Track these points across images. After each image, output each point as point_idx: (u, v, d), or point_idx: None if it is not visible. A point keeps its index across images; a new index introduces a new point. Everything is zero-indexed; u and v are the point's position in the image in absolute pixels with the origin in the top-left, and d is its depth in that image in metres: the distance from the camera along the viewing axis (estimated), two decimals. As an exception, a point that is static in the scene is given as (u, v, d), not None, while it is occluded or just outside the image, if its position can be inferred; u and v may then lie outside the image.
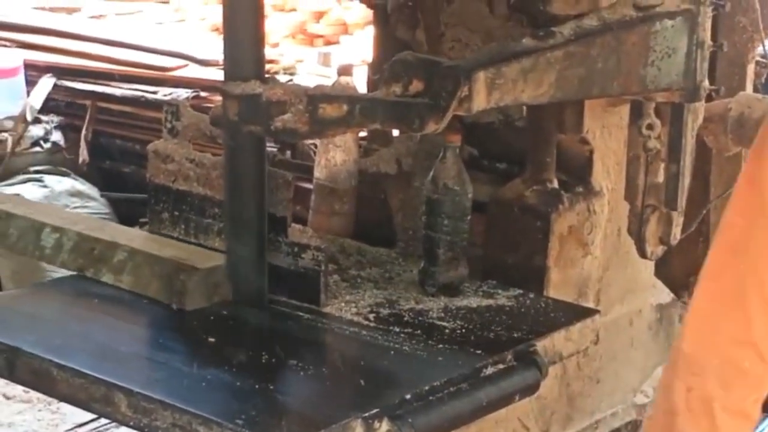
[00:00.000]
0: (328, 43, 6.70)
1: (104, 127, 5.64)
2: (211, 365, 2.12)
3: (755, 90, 3.03)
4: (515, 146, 2.68)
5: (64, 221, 2.60)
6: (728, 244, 1.72)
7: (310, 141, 3.99)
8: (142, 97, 5.51)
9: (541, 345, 2.28)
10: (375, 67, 2.85)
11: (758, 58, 3.04)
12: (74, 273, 2.53)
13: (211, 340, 2.23)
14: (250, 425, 1.88)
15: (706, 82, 2.47)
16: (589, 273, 2.70)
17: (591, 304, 2.67)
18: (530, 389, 2.23)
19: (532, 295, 2.49)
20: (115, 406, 2.02)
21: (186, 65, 5.78)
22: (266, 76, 2.27)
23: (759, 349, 1.67)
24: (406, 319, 2.35)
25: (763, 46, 2.94)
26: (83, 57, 5.93)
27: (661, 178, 2.56)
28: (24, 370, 2.17)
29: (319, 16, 6.88)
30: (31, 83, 5.68)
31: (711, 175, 3.03)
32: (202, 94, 5.35)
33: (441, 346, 2.22)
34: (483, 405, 2.13)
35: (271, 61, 5.75)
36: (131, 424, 2.01)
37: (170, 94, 5.37)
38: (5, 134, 5.36)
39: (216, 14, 6.55)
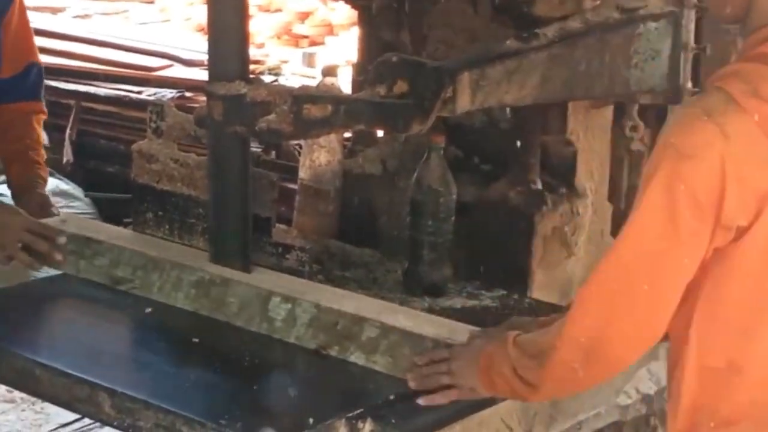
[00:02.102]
0: (314, 43, 6.71)
1: (89, 127, 5.64)
2: (195, 365, 2.12)
3: (738, 92, 3.03)
4: (499, 147, 2.68)
5: (294, 290, 2.27)
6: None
7: (295, 142, 3.99)
8: (127, 97, 5.51)
9: (525, 346, 2.28)
10: (360, 68, 2.86)
11: (741, 61, 3.04)
12: (58, 273, 2.52)
13: (195, 340, 2.23)
14: (234, 425, 1.88)
15: (689, 85, 2.47)
16: (573, 274, 2.71)
17: (574, 305, 2.67)
18: (514, 390, 2.23)
19: (516, 296, 2.50)
20: (98, 406, 2.02)
21: (171, 65, 5.79)
22: (251, 76, 2.27)
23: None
24: (390, 319, 2.35)
25: (746, 48, 2.95)
26: (68, 56, 5.92)
27: (644, 179, 2.56)
28: (7, 369, 2.16)
29: (305, 16, 6.89)
30: (15, 83, 5.66)
31: (694, 176, 3.04)
32: (187, 94, 5.36)
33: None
34: (466, 406, 2.13)
35: (256, 62, 5.76)
36: (115, 424, 2.01)
37: (155, 94, 5.38)
38: (-11, 134, 5.34)
39: (201, 14, 6.56)
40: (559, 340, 1.82)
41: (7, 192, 5.06)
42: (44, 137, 5.56)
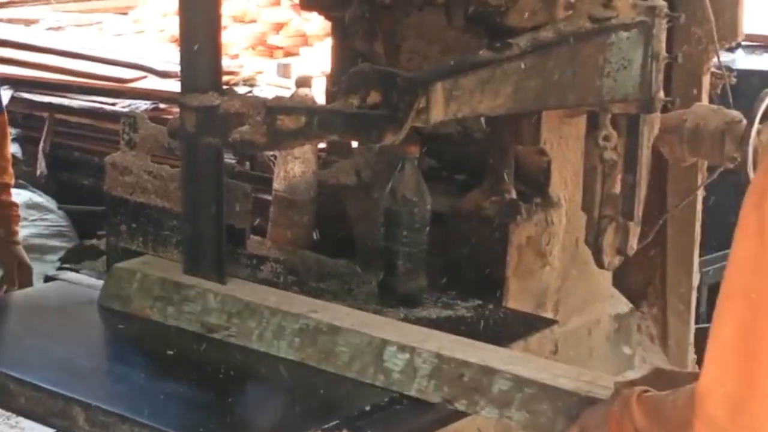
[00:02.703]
0: (288, 54, 6.70)
1: (62, 139, 5.62)
2: (170, 378, 2.11)
3: (710, 101, 3.05)
4: (474, 157, 2.69)
5: (410, 337, 2.17)
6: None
7: (269, 153, 3.99)
8: (101, 108, 5.50)
9: (500, 355, 2.28)
10: (333, 79, 2.85)
11: (713, 69, 3.07)
12: (34, 287, 2.51)
13: (170, 353, 2.22)
14: (209, 438, 1.87)
15: (662, 94, 2.48)
16: (548, 283, 2.71)
17: (549, 315, 2.68)
18: (489, 399, 2.23)
19: (491, 306, 2.50)
20: (72, 420, 2.01)
21: (145, 77, 5.77)
22: (224, 87, 2.27)
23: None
24: (365, 330, 2.34)
25: (718, 57, 2.96)
26: (41, 69, 5.90)
27: (618, 188, 2.57)
28: (-19, 384, 2.15)
29: (279, 27, 6.88)
30: (-12, 95, 5.64)
31: (667, 185, 3.06)
32: (161, 105, 5.35)
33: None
34: (442, 416, 2.13)
35: (230, 73, 5.75)
36: (90, 437, 2.00)
37: (129, 105, 5.37)
38: (-39, 147, 5.32)
39: (175, 26, 6.54)
40: (695, 417, 1.57)
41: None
42: (15, 150, 5.55)
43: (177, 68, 5.36)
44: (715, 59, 3.00)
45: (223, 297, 2.28)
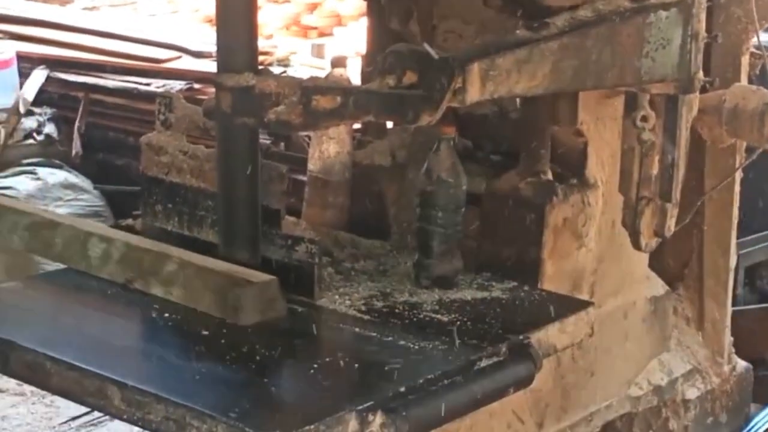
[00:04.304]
0: (322, 34, 6.68)
1: (97, 119, 5.63)
2: (205, 358, 2.12)
3: (749, 81, 3.02)
4: (509, 138, 2.67)
5: (110, 232, 2.54)
6: None
7: (304, 133, 3.98)
8: (135, 89, 5.50)
9: (536, 337, 2.27)
10: (369, 59, 2.84)
11: (752, 49, 3.03)
12: (66, 267, 2.52)
13: (205, 333, 2.22)
14: (244, 419, 1.87)
15: (701, 74, 2.46)
16: (584, 265, 2.69)
17: (585, 297, 2.67)
18: (524, 382, 2.23)
19: (526, 288, 2.49)
20: (108, 399, 2.01)
21: (179, 57, 5.77)
22: (260, 67, 2.26)
23: None
24: (400, 311, 2.34)
25: (758, 37, 2.93)
26: (76, 49, 5.91)
27: (655, 170, 2.55)
28: (18, 363, 2.16)
29: (313, 7, 6.86)
30: (24, 75, 5.67)
31: (705, 166, 3.03)
32: (196, 86, 5.34)
33: (435, 338, 2.22)
34: (477, 398, 2.13)
35: (264, 53, 5.74)
36: (125, 417, 2.01)
37: (163, 86, 5.36)
38: (-2, 127, 5.35)
39: (209, 6, 6.55)
40: None
41: (17, 185, 5.08)
42: (51, 130, 5.57)
43: (211, 48, 5.37)
44: (754, 39, 2.96)
45: None
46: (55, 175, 5.33)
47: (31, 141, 5.51)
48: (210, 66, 5.33)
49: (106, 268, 2.44)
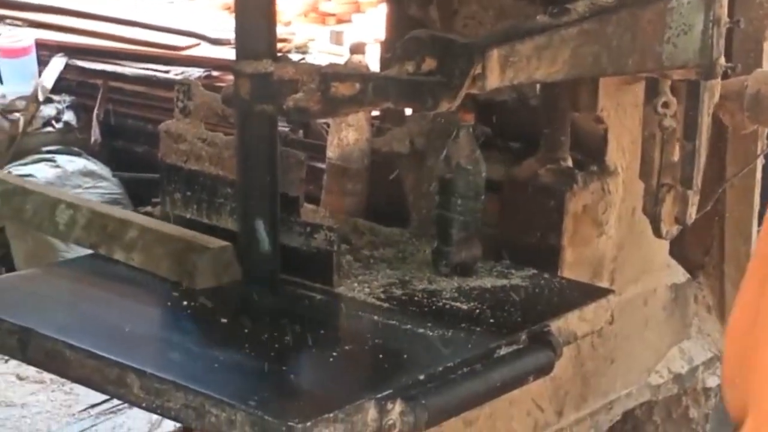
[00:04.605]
0: (341, 21, 6.67)
1: (116, 107, 5.64)
2: (224, 346, 2.11)
3: (772, 67, 3.00)
4: (529, 125, 2.66)
5: (77, 200, 2.64)
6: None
7: (323, 120, 3.97)
8: (154, 76, 5.50)
9: (555, 325, 2.26)
10: (388, 46, 2.83)
11: (775, 35, 3.01)
12: (87, 253, 2.53)
13: (224, 321, 2.22)
14: (263, 407, 1.87)
15: (723, 59, 2.44)
16: (604, 252, 2.68)
17: (605, 284, 2.66)
18: (544, 370, 2.22)
19: (546, 275, 2.48)
20: (127, 387, 2.01)
21: (198, 44, 5.77)
22: (278, 54, 2.25)
23: None
24: (419, 299, 2.33)
25: (780, 22, 2.91)
26: (95, 36, 5.92)
27: (676, 156, 2.54)
28: (37, 351, 2.16)
29: (331, -6, 6.85)
30: (42, 63, 5.68)
31: (727, 153, 3.01)
32: (214, 73, 5.34)
33: (454, 326, 2.21)
34: (497, 386, 2.12)
35: (283, 40, 5.73)
36: (144, 405, 2.01)
37: (182, 73, 5.36)
38: (17, 114, 5.36)
39: (228, -7, 6.54)
40: None
41: (36, 173, 5.09)
42: (69, 117, 5.58)
43: (230, 36, 5.36)
44: (777, 24, 2.94)
45: None
46: (74, 163, 5.34)
47: (50, 129, 5.52)
48: (228, 53, 5.32)
49: (73, 234, 2.56)
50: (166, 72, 5.48)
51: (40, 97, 5.55)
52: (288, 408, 1.90)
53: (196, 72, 5.35)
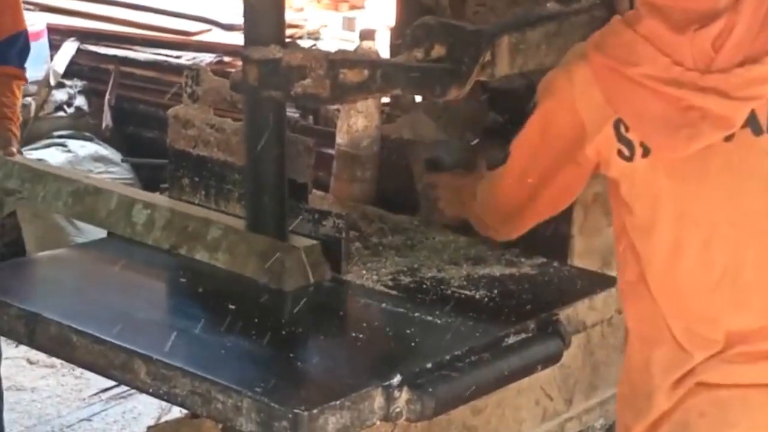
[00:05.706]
0: (353, 7, 6.66)
1: (127, 92, 5.65)
2: (231, 333, 2.11)
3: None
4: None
5: (154, 198, 2.57)
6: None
7: (333, 106, 3.97)
8: (166, 61, 5.51)
9: (565, 314, 2.25)
10: (398, 32, 2.82)
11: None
12: (99, 238, 2.53)
13: (232, 307, 2.22)
14: (269, 393, 1.86)
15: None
16: (614, 242, 2.66)
17: (615, 273, 2.64)
18: (553, 358, 2.21)
19: (555, 264, 2.47)
20: (134, 373, 2.01)
21: (209, 30, 5.77)
22: (287, 40, 2.24)
23: None
24: (427, 287, 2.33)
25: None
26: (107, 21, 5.93)
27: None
28: (44, 336, 2.16)
29: (344, -20, 6.84)
30: (54, 47, 5.68)
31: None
32: (226, 59, 5.34)
33: (463, 314, 2.20)
34: (505, 374, 2.11)
35: (295, 26, 5.73)
36: (150, 391, 2.00)
37: (193, 58, 5.37)
38: (29, 99, 5.37)
39: (240, -22, 6.53)
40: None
41: (48, 157, 5.09)
42: (81, 102, 5.59)
43: (241, 21, 5.36)
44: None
45: (20, 166, 2.73)
46: (85, 148, 5.35)
47: (61, 113, 5.53)
48: (240, 39, 5.32)
49: (151, 235, 2.44)
50: (178, 57, 5.49)
51: (52, 82, 5.56)
52: (294, 395, 1.89)
53: (207, 58, 5.36)
